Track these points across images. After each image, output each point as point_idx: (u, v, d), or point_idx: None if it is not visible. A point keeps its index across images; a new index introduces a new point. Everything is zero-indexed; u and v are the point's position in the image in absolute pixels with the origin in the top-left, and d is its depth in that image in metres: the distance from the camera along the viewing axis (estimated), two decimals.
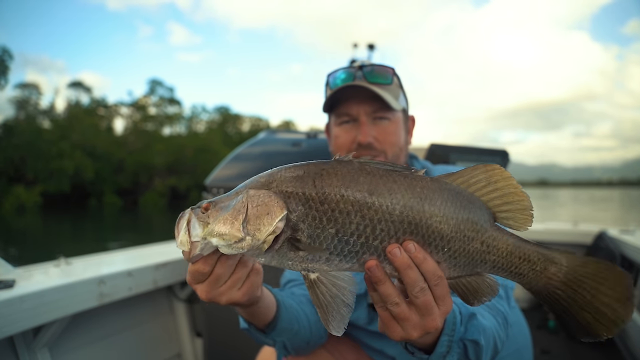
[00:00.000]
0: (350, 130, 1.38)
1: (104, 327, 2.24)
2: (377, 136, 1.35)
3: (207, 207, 0.79)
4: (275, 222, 0.75)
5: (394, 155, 1.38)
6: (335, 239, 0.77)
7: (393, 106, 1.33)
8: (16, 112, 55.61)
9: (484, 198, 0.82)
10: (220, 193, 2.53)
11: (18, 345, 1.84)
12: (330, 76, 1.41)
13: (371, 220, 0.77)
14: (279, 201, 0.76)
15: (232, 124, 74.99)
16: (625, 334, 2.92)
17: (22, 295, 1.69)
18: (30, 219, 32.10)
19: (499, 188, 0.82)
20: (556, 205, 48.47)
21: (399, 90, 1.41)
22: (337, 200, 0.76)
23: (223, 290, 0.89)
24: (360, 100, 1.35)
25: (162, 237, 3.99)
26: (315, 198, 0.76)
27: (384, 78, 1.35)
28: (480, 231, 0.81)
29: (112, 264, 2.37)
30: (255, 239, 0.75)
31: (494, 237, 0.82)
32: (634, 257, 3.03)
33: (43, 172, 47.04)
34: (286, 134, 3.07)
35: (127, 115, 65.40)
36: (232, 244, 0.75)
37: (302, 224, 0.76)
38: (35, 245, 17.03)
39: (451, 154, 2.64)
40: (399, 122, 1.40)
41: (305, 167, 0.79)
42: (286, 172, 0.79)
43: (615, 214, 31.26)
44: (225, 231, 0.76)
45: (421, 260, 0.78)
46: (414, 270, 0.78)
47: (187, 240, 0.78)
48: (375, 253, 0.79)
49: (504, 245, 0.82)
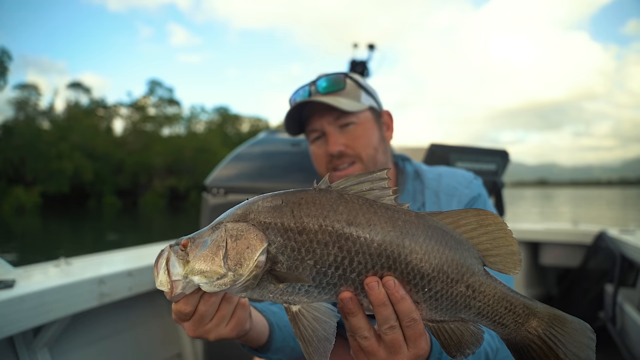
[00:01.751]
0: (322, 145, 1.38)
1: (104, 327, 2.24)
2: (346, 142, 1.34)
3: (185, 244, 0.77)
4: (257, 256, 0.73)
5: (370, 156, 1.36)
6: (314, 270, 0.75)
7: (350, 109, 1.31)
8: (15, 113, 55.62)
9: (473, 240, 0.79)
10: (220, 193, 2.54)
11: (18, 345, 1.84)
12: (291, 99, 1.42)
13: (349, 252, 0.74)
14: (258, 233, 0.74)
15: (232, 124, 74.98)
16: (625, 333, 2.93)
17: (22, 295, 1.69)
18: (30, 220, 32.06)
19: (490, 232, 0.79)
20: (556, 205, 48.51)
21: (359, 91, 1.38)
22: (315, 231, 0.74)
23: (209, 327, 0.88)
24: (320, 114, 1.35)
25: (161, 237, 3.99)
26: (294, 228, 0.74)
27: (336, 85, 1.34)
28: (467, 274, 0.77)
29: (112, 264, 2.37)
30: (237, 274, 0.73)
31: (481, 282, 0.78)
32: (634, 257, 3.03)
33: (42, 173, 47.03)
34: (286, 134, 3.07)
35: (126, 116, 65.43)
36: (214, 282, 0.74)
37: (281, 256, 0.74)
38: (34, 246, 17.01)
39: (451, 154, 2.64)
40: (366, 122, 1.37)
41: (284, 196, 0.77)
42: (264, 202, 0.77)
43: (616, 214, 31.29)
44: (207, 268, 0.74)
45: (398, 298, 0.75)
46: (387, 308, 0.76)
47: (167, 280, 0.76)
48: (352, 285, 0.76)
49: (492, 292, 0.78)
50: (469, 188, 1.35)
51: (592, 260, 3.67)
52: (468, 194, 1.34)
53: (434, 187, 1.38)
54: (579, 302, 3.49)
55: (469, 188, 1.35)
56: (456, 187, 1.36)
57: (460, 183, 1.36)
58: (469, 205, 1.32)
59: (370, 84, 1.48)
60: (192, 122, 70.25)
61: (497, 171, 2.84)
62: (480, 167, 2.75)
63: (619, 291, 3.02)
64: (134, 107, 64.86)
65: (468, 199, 1.33)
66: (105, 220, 31.79)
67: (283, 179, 2.47)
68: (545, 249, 4.20)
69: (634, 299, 3.03)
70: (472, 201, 1.33)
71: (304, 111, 1.40)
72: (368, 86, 1.44)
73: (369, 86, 1.44)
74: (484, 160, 2.78)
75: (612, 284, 3.09)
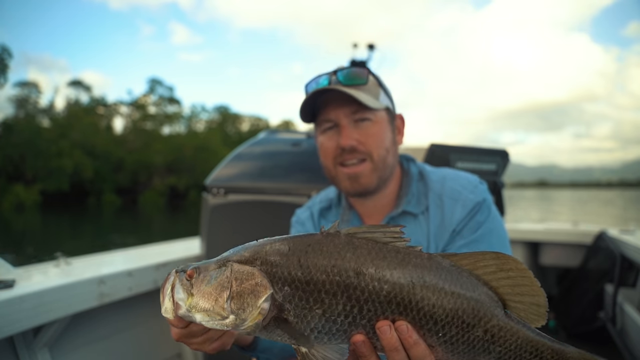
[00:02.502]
0: (333, 136, 1.34)
1: (104, 327, 2.24)
2: (359, 138, 1.30)
3: (191, 274, 0.77)
4: (260, 303, 0.73)
5: (381, 157, 1.32)
6: (323, 319, 0.74)
7: (371, 105, 1.27)
8: (16, 110, 55.60)
9: (493, 283, 0.75)
10: (220, 193, 2.53)
11: (18, 345, 1.84)
12: (308, 85, 1.37)
13: (357, 300, 0.73)
14: (263, 280, 0.74)
15: (232, 123, 74.94)
16: (625, 333, 2.93)
17: (22, 295, 1.69)
18: (30, 218, 32.08)
19: (512, 277, 0.75)
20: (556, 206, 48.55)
21: (378, 89, 1.35)
22: (323, 281, 0.73)
23: (194, 342, 0.91)
24: (338, 104, 1.31)
25: (161, 236, 3.99)
26: (301, 278, 0.73)
27: (359, 79, 1.30)
28: (484, 319, 0.74)
29: (112, 264, 2.37)
30: (239, 319, 0.73)
31: (500, 327, 0.74)
32: (634, 257, 3.04)
33: (42, 171, 47.03)
34: (286, 134, 3.07)
35: (126, 114, 65.42)
36: (215, 321, 0.74)
37: (288, 305, 0.73)
38: (34, 244, 17.01)
39: (451, 153, 2.64)
40: (382, 122, 1.34)
41: (291, 242, 0.76)
42: (271, 247, 0.76)
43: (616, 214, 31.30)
44: (209, 307, 0.74)
45: (411, 343, 0.73)
46: (400, 353, 0.74)
47: (172, 308, 0.77)
48: (364, 330, 0.75)
49: (513, 337, 0.74)
50: (473, 193, 1.31)
51: (592, 260, 3.67)
52: (473, 199, 1.29)
53: (437, 190, 1.35)
54: (579, 302, 3.49)
55: (473, 193, 1.31)
56: (460, 191, 1.32)
57: (465, 187, 1.33)
58: (473, 210, 1.29)
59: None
60: (193, 121, 70.25)
61: (497, 171, 2.84)
62: (481, 167, 2.74)
63: (619, 291, 3.03)
64: (134, 106, 64.83)
65: (473, 204, 1.29)
66: (104, 219, 31.79)
67: (283, 179, 2.47)
68: (545, 249, 4.21)
69: (634, 299, 3.03)
70: (476, 206, 1.29)
71: (319, 99, 1.34)
72: (386, 87, 1.41)
73: (387, 87, 1.41)
74: (484, 160, 2.78)
75: (612, 284, 3.09)
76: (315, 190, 2.28)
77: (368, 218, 1.42)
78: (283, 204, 2.36)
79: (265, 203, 2.43)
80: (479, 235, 1.25)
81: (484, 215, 1.28)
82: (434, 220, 1.32)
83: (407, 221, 1.35)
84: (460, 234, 1.27)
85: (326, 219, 1.51)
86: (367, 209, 1.41)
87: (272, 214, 2.41)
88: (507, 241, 1.32)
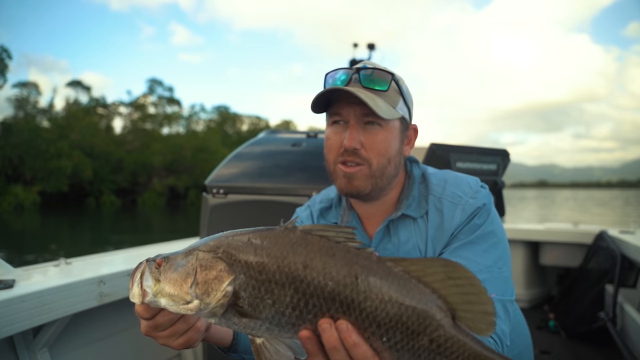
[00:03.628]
0: (340, 132, 1.31)
1: (104, 327, 2.24)
2: (364, 142, 1.27)
3: (160, 263, 0.81)
4: (224, 287, 0.76)
5: (380, 165, 1.29)
6: (273, 309, 0.75)
7: (384, 116, 1.23)
8: (15, 111, 55.57)
9: (442, 292, 0.73)
10: (220, 193, 2.53)
11: (18, 346, 1.84)
12: (329, 76, 1.34)
13: (304, 294, 0.74)
14: (225, 266, 0.77)
15: (231, 123, 74.89)
16: (625, 334, 2.93)
17: (22, 295, 1.68)
18: (29, 219, 32.06)
19: (460, 285, 0.73)
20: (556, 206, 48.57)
21: (398, 97, 1.31)
22: (274, 271, 0.75)
23: (160, 336, 0.93)
24: (351, 102, 1.27)
25: (160, 236, 3.99)
26: (255, 267, 0.76)
27: (380, 84, 1.27)
28: (430, 327, 0.71)
29: (112, 264, 2.37)
30: (203, 303, 0.76)
31: (447, 337, 0.71)
32: (634, 257, 3.04)
33: (41, 172, 46.94)
34: (286, 134, 3.07)
35: (125, 115, 65.39)
36: (179, 305, 0.78)
37: (243, 292, 0.76)
38: (33, 244, 17.01)
39: (451, 153, 2.63)
40: (392, 130, 1.30)
41: (252, 234, 0.79)
42: (234, 237, 0.80)
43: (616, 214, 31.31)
44: (174, 292, 0.78)
45: (351, 344, 0.72)
46: (339, 352, 0.73)
47: (139, 294, 0.81)
48: (311, 326, 0.75)
49: (460, 349, 0.72)
50: (474, 197, 1.30)
51: (592, 260, 3.67)
52: (473, 203, 1.28)
53: (438, 194, 1.33)
54: (579, 302, 3.49)
55: (474, 197, 1.30)
56: (461, 196, 1.30)
57: (466, 193, 1.31)
58: (472, 214, 1.27)
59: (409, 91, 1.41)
60: (192, 121, 70.21)
61: (497, 171, 2.84)
62: (481, 167, 2.74)
63: (620, 291, 3.03)
64: (134, 106, 64.78)
65: (473, 208, 1.28)
66: (104, 219, 31.79)
67: (283, 179, 2.46)
68: (545, 249, 4.21)
69: (634, 299, 3.03)
70: (476, 211, 1.28)
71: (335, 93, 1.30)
72: (408, 95, 1.37)
73: (409, 95, 1.38)
74: (484, 160, 2.78)
75: (612, 284, 3.09)
76: (315, 191, 2.27)
77: (367, 220, 1.42)
78: (283, 204, 2.36)
79: (265, 203, 2.43)
80: (475, 237, 1.25)
81: (482, 218, 1.27)
82: (432, 223, 1.31)
83: (406, 224, 1.34)
84: (457, 236, 1.27)
85: (326, 219, 1.51)
86: (367, 211, 1.40)
87: (272, 214, 2.40)
88: (505, 243, 1.31)
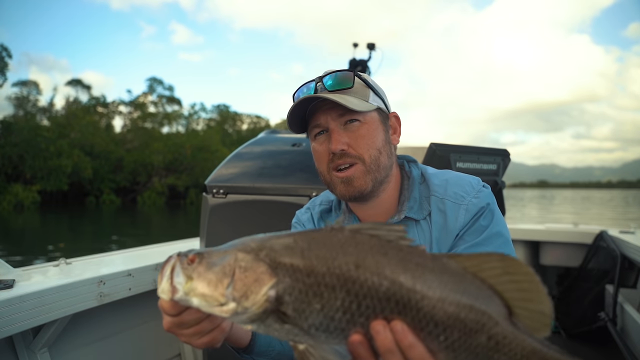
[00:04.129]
0: (324, 141, 1.33)
1: (103, 327, 2.24)
2: (349, 142, 1.28)
3: (193, 259, 0.76)
4: (265, 291, 0.71)
5: (373, 158, 1.30)
6: (321, 314, 0.71)
7: (357, 109, 1.25)
8: (15, 109, 55.53)
9: (498, 287, 0.70)
10: (220, 193, 2.53)
11: (17, 346, 1.84)
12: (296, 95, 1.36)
13: (356, 295, 0.70)
14: (268, 269, 0.72)
15: (232, 123, 74.83)
16: (625, 333, 2.93)
17: (22, 295, 1.68)
18: (29, 218, 32.05)
19: (518, 281, 0.70)
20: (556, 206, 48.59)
21: (367, 91, 1.33)
22: (323, 273, 0.71)
23: (184, 333, 0.90)
24: (325, 110, 1.30)
25: (160, 236, 3.99)
26: (302, 270, 0.71)
27: (343, 83, 1.29)
28: (488, 324, 0.69)
29: (111, 264, 2.36)
30: (241, 306, 0.72)
31: (505, 335, 0.69)
32: (635, 257, 3.04)
33: (41, 171, 46.90)
34: (286, 134, 3.06)
35: (126, 114, 65.35)
36: (213, 307, 0.73)
37: (287, 297, 0.71)
38: (33, 243, 17.01)
39: (451, 153, 2.63)
40: (372, 122, 1.32)
41: (297, 236, 0.75)
42: (277, 240, 0.75)
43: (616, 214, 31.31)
44: (208, 293, 0.73)
45: (407, 345, 0.69)
46: (395, 356, 0.70)
47: (169, 290, 0.75)
48: (363, 329, 0.72)
49: (518, 346, 0.69)
50: (477, 197, 1.29)
51: (592, 260, 3.67)
52: (476, 203, 1.28)
53: (440, 195, 1.33)
54: (580, 302, 3.49)
55: (477, 197, 1.29)
56: (464, 196, 1.30)
57: (468, 192, 1.31)
58: (477, 215, 1.27)
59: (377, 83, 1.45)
60: (192, 121, 70.16)
61: (497, 171, 2.84)
62: (481, 167, 2.74)
63: (620, 291, 3.03)
64: (134, 105, 64.74)
65: (477, 208, 1.27)
66: (104, 219, 31.79)
67: (284, 179, 2.46)
68: (545, 249, 4.21)
69: (634, 299, 3.03)
70: (480, 211, 1.27)
71: (308, 107, 1.34)
72: (376, 86, 1.39)
73: (377, 86, 1.40)
74: (484, 160, 2.78)
75: (612, 284, 3.09)
76: (315, 191, 2.27)
77: None
78: (283, 204, 2.36)
79: (265, 203, 2.43)
80: (483, 238, 1.24)
81: (487, 219, 1.27)
82: (436, 225, 1.30)
83: (409, 227, 1.33)
84: (462, 238, 1.26)
85: (326, 222, 1.50)
86: (367, 214, 1.39)
87: (272, 214, 2.40)
88: (511, 243, 1.31)
